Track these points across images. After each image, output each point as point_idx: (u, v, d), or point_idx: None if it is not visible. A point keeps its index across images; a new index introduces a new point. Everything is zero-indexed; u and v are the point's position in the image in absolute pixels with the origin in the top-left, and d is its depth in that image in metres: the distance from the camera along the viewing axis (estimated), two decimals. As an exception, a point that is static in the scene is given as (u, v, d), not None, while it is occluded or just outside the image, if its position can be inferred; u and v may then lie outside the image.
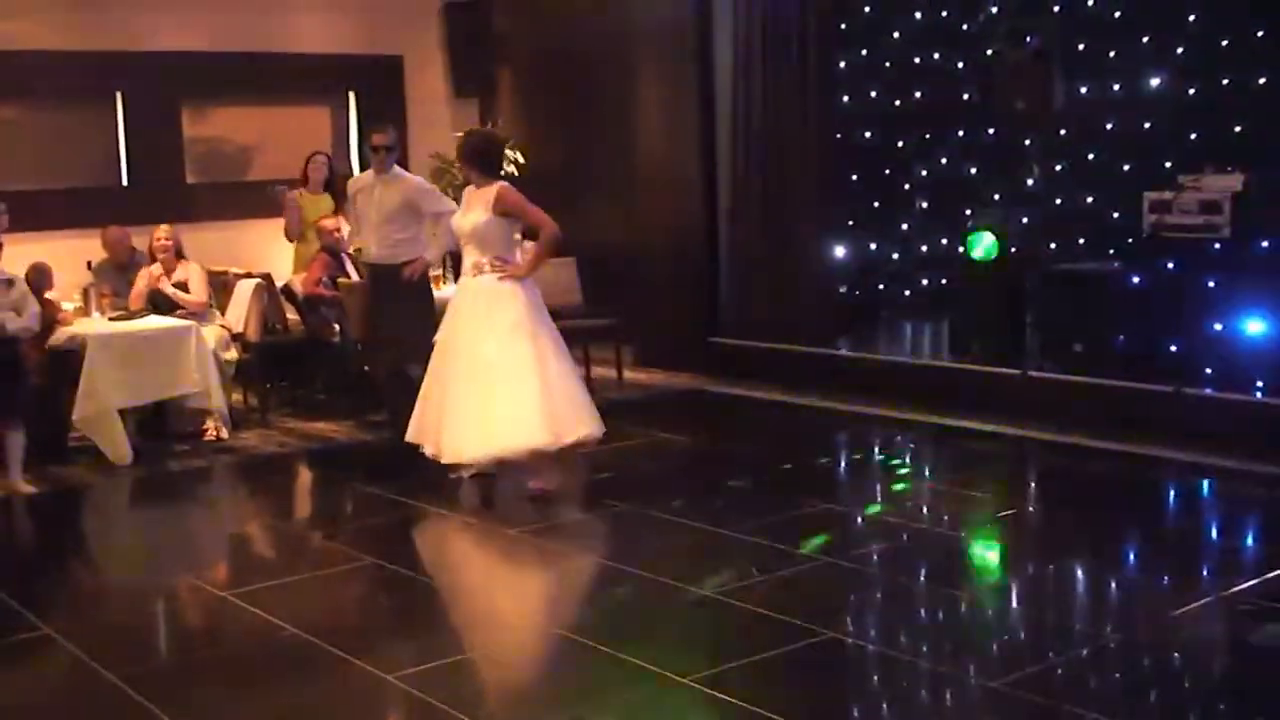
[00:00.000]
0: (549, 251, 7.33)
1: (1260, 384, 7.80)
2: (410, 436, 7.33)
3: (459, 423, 6.99)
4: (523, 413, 6.91)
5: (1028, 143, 9.38)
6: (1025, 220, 9.45)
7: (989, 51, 9.55)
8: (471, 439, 6.96)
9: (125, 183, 11.10)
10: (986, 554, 6.52)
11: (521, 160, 11.90)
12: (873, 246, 11.11)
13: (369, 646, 5.16)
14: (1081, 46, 9.07)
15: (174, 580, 6.27)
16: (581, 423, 7.07)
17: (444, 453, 7.08)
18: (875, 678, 4.91)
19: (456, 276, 10.54)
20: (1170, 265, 8.30)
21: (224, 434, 8.88)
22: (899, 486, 7.78)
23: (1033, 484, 7.50)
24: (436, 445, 7.11)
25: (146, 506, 7.85)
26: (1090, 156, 9.08)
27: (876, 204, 11.18)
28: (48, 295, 8.70)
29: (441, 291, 9.91)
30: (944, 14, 9.83)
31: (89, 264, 9.55)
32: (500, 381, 6.93)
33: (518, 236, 7.51)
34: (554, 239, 7.23)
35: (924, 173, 11.02)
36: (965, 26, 9.70)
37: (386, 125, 8.63)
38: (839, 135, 10.64)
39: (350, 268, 9.82)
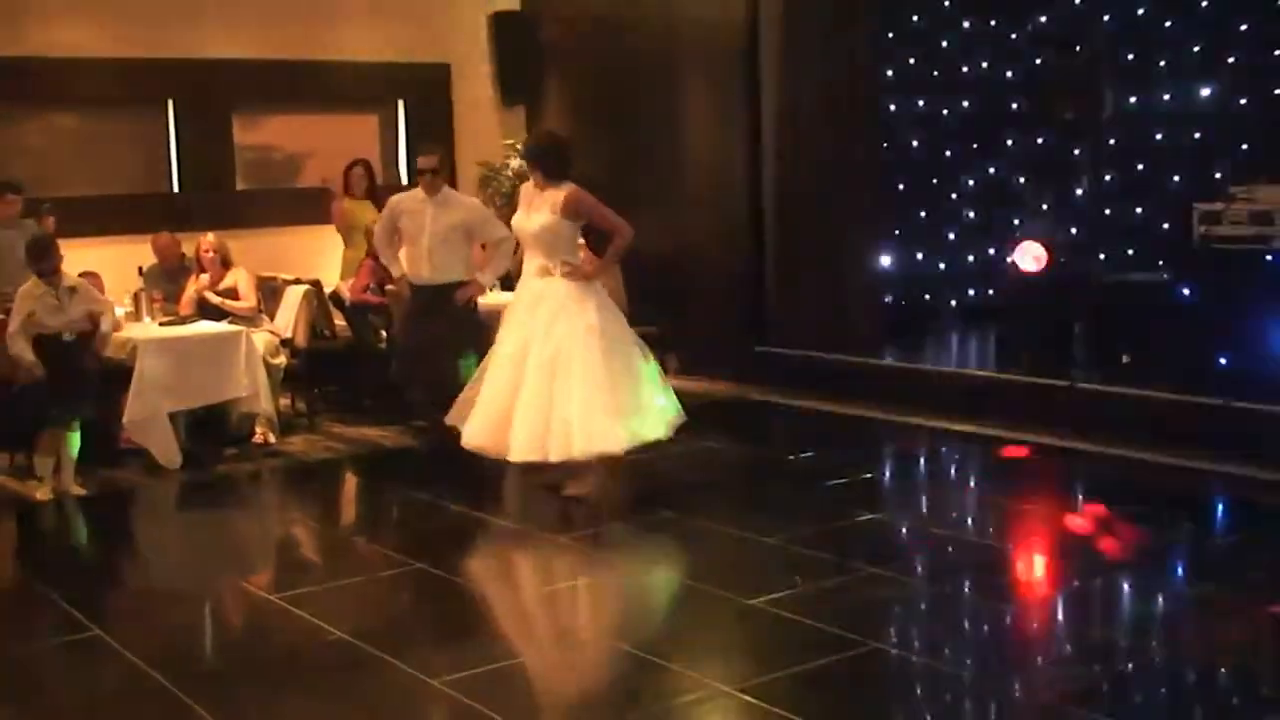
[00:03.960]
0: (621, 255, 7.29)
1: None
2: (468, 441, 7.23)
3: (534, 423, 6.90)
4: (602, 415, 6.86)
5: (1076, 153, 9.33)
6: (1074, 231, 9.40)
7: (1037, 61, 9.50)
8: (553, 439, 6.87)
9: (176, 189, 11.19)
10: (1032, 566, 6.48)
11: (568, 168, 11.93)
12: (919, 256, 11.08)
13: (414, 651, 5.18)
14: (1131, 56, 9.02)
15: (221, 583, 6.32)
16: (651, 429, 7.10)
17: (515, 452, 6.96)
18: (919, 689, 4.89)
19: (504, 284, 10.67)
20: (1220, 276, 8.23)
21: (272, 438, 8.94)
22: (944, 497, 7.75)
23: (1079, 496, 7.45)
24: (503, 445, 7.00)
25: (195, 510, 7.91)
26: (1140, 167, 9.02)
27: (923, 214, 11.14)
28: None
29: (489, 299, 9.98)
30: (992, 23, 9.79)
31: (140, 270, 9.64)
32: (580, 384, 6.87)
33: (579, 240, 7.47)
34: (628, 243, 7.18)
35: (971, 183, 10.98)
36: (1014, 36, 9.65)
37: (433, 147, 8.53)
38: (886, 144, 10.62)
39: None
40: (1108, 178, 9.20)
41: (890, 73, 10.42)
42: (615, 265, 7.60)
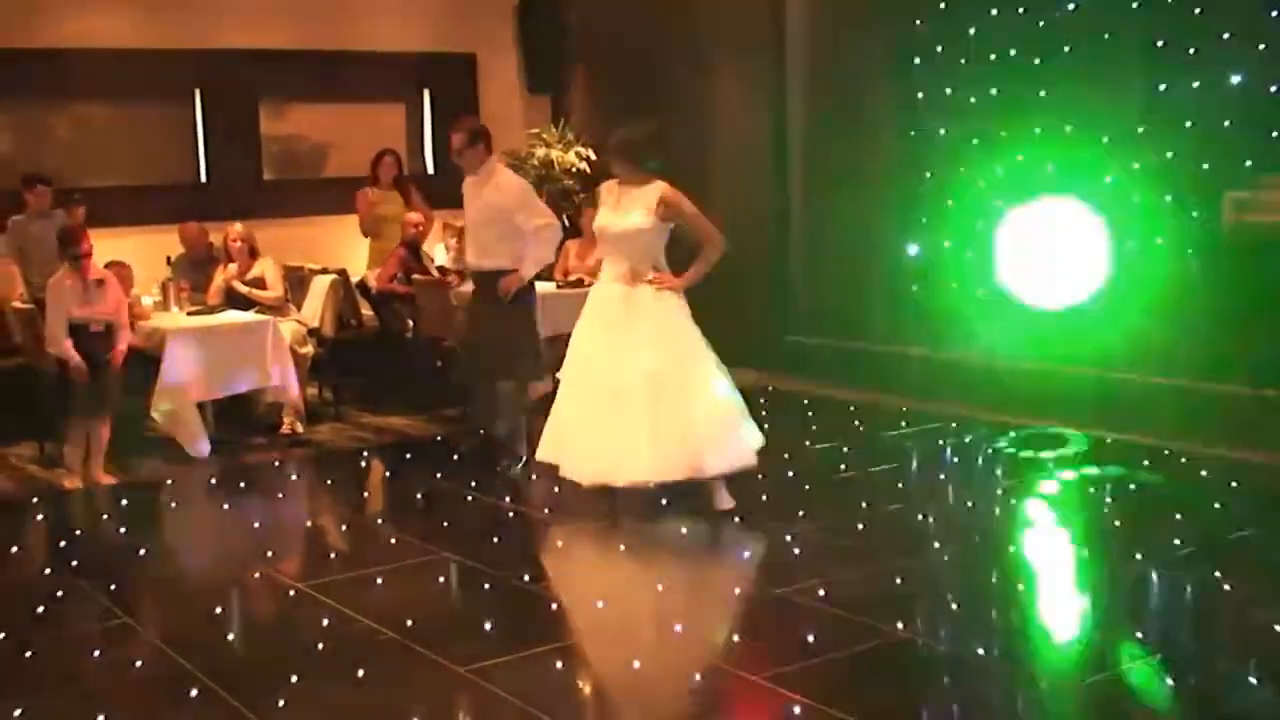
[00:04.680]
0: (713, 265, 6.73)
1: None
2: (545, 456, 6.92)
3: (651, 442, 6.47)
4: (733, 427, 6.65)
5: (1105, 140, 9.26)
6: (1103, 219, 9.32)
7: (1066, 48, 9.43)
8: (681, 457, 6.51)
9: (204, 179, 11.23)
10: (1059, 556, 6.46)
11: (594, 157, 11.93)
12: (946, 244, 11.02)
13: (442, 639, 5.20)
14: (1161, 43, 8.94)
15: (249, 572, 6.34)
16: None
17: (617, 476, 6.57)
18: (946, 678, 4.88)
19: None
20: (1251, 265, 8.17)
21: (299, 428, 8.97)
22: (971, 486, 7.71)
23: (1107, 486, 7.41)
24: (597, 471, 6.62)
25: (223, 498, 7.95)
26: (1169, 154, 8.94)
27: (950, 202, 11.08)
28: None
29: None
30: (1021, 10, 9.72)
31: (168, 259, 9.68)
32: (706, 397, 6.57)
33: None
34: (720, 251, 6.72)
35: (998, 170, 10.91)
36: (1041, 23, 9.58)
37: (460, 121, 8.12)
38: (913, 132, 10.57)
39: (428, 264, 9.89)
40: (1136, 165, 9.12)
41: (918, 60, 10.36)
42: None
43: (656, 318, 6.59)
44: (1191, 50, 8.77)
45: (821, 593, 5.56)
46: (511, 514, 7.27)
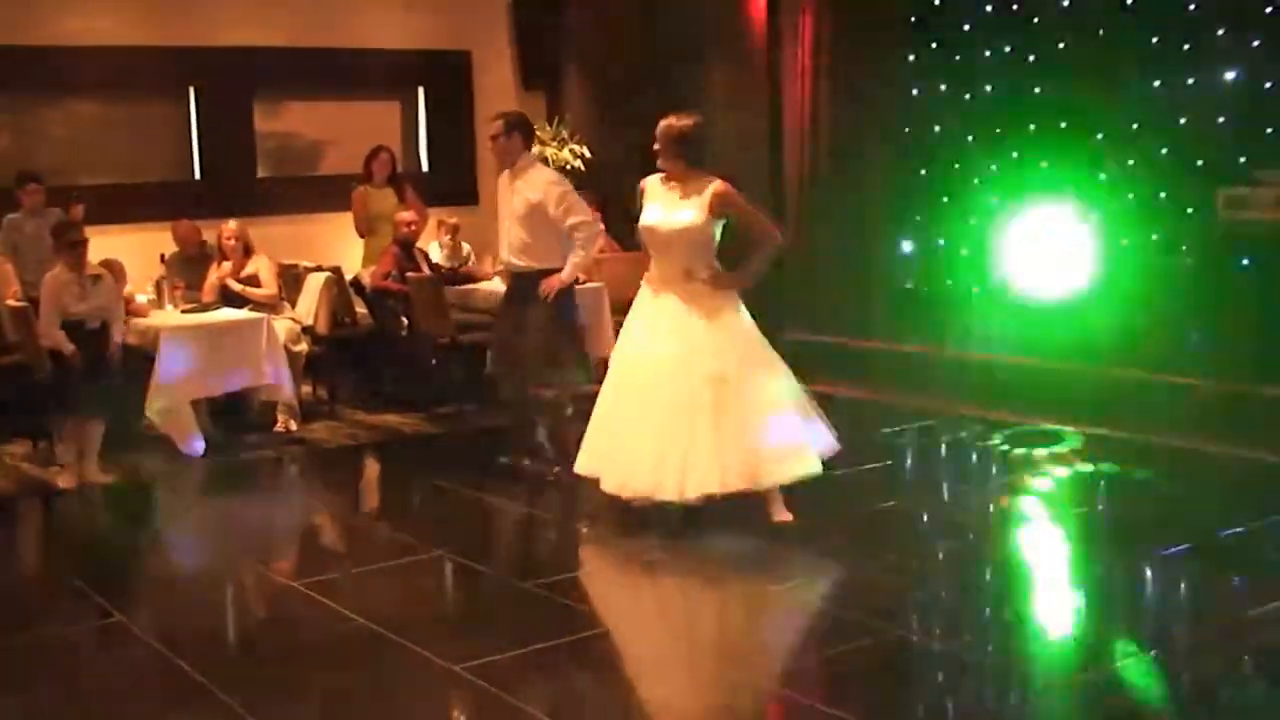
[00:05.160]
0: (767, 261, 6.39)
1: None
2: (585, 469, 6.56)
3: (703, 455, 6.11)
4: (795, 435, 6.27)
5: (1099, 137, 9.27)
6: (1097, 215, 9.34)
7: (1060, 45, 9.44)
8: (742, 468, 6.15)
9: (198, 177, 11.21)
10: (1053, 553, 6.47)
11: (589, 154, 11.93)
12: (941, 241, 11.03)
13: (436, 637, 5.19)
14: (1155, 40, 8.95)
15: (243, 569, 6.34)
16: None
17: (674, 489, 6.15)
18: (940, 675, 4.88)
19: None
20: (1244, 261, 8.19)
21: (294, 426, 8.96)
22: (968, 484, 7.72)
23: (1103, 482, 7.42)
24: (648, 484, 6.21)
25: (217, 496, 7.94)
26: (1163, 151, 8.96)
27: (945, 199, 11.09)
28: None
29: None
30: (1014, 7, 9.73)
31: (162, 257, 9.66)
32: (768, 405, 6.21)
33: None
34: (776, 249, 6.42)
35: (993, 167, 10.93)
36: (1036, 20, 9.59)
37: (504, 112, 7.67)
38: (908, 129, 10.58)
39: (422, 262, 9.88)
40: (1130, 162, 9.13)
41: (912, 57, 10.37)
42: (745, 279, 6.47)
43: (716, 319, 6.26)
44: (1186, 47, 8.80)
45: (815, 589, 5.56)
46: (509, 512, 7.26)
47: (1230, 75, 8.64)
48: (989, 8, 9.90)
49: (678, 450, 6.11)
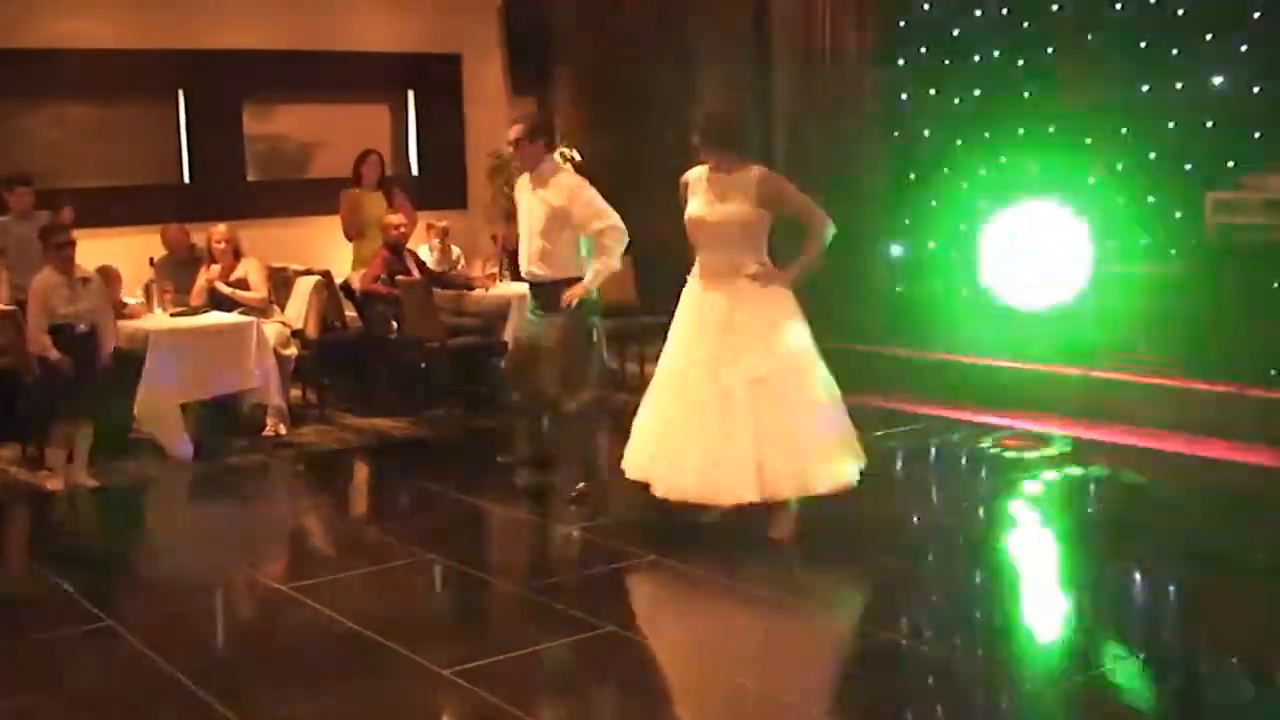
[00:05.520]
0: (821, 251, 6.11)
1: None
2: (634, 473, 6.31)
3: (745, 460, 5.90)
4: (835, 445, 6.07)
5: (1088, 141, 9.29)
6: (1086, 219, 9.35)
7: (1049, 49, 9.46)
8: (776, 476, 5.93)
9: (187, 180, 11.20)
10: (1043, 556, 6.47)
11: (578, 158, 11.92)
12: (931, 245, 11.04)
13: (426, 641, 5.19)
14: (1143, 44, 8.97)
15: (233, 574, 6.33)
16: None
17: (718, 494, 5.99)
18: (931, 679, 4.89)
19: (515, 275, 10.66)
20: (1233, 265, 8.21)
21: (283, 429, 8.94)
22: (958, 487, 7.73)
23: (1091, 485, 7.43)
24: (694, 489, 6.02)
25: (206, 501, 7.92)
26: (1152, 155, 8.98)
27: (934, 203, 11.10)
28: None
29: (497, 291, 9.98)
30: (1004, 11, 9.75)
31: (151, 260, 9.65)
32: (808, 409, 5.99)
33: None
34: (828, 236, 6.08)
35: (981, 171, 10.94)
36: (1025, 24, 9.61)
37: (525, 115, 7.41)
38: (896, 133, 10.59)
39: (411, 265, 9.87)
40: (1119, 166, 9.15)
41: (901, 61, 10.39)
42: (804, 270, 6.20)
43: (763, 317, 6.00)
44: (1174, 51, 8.82)
45: (801, 592, 5.57)
46: (498, 515, 7.26)
47: (1218, 80, 8.67)
48: (978, 12, 9.91)
49: (718, 455, 5.92)
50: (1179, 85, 8.81)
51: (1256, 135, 8.42)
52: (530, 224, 7.01)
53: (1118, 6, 9.09)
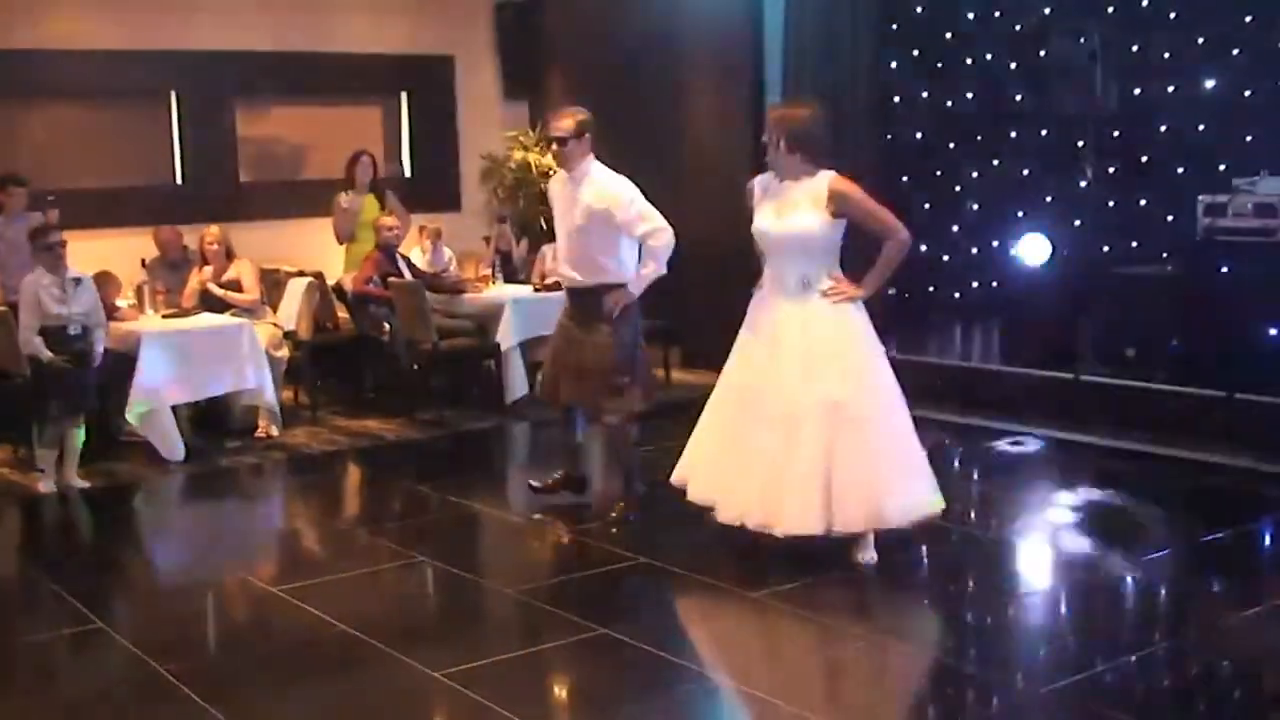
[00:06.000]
0: (896, 265, 5.74)
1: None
2: (696, 495, 6.02)
3: (814, 488, 5.54)
4: (916, 472, 5.76)
5: (1080, 144, 9.31)
6: (1078, 223, 9.39)
7: (1041, 53, 9.49)
8: (857, 504, 5.58)
9: (179, 181, 11.18)
10: (1035, 558, 6.48)
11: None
12: (923, 248, 11.07)
13: (417, 643, 5.18)
14: (1135, 48, 9.00)
15: (224, 576, 6.32)
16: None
17: (782, 523, 5.63)
18: (920, 683, 4.89)
19: (508, 277, 10.67)
20: (1224, 269, 8.23)
21: (275, 431, 8.94)
22: (949, 490, 7.72)
23: (1083, 489, 7.44)
24: (759, 515, 5.70)
25: (198, 502, 7.91)
26: (1144, 159, 9.01)
27: (927, 205, 11.14)
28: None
29: (490, 293, 9.98)
30: (996, 14, 9.77)
31: (143, 262, 9.63)
32: (888, 433, 5.65)
33: None
34: (904, 248, 5.71)
35: (975, 174, 10.97)
36: (1018, 27, 9.63)
37: (569, 109, 6.81)
38: (889, 136, 10.60)
39: (404, 267, 9.87)
40: (1111, 169, 9.18)
41: (894, 64, 10.40)
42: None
43: (835, 335, 5.63)
44: (1166, 56, 8.84)
45: (783, 593, 5.57)
46: (490, 518, 7.26)
47: (1210, 84, 8.69)
48: (970, 15, 9.94)
49: (785, 481, 5.58)
50: (1171, 89, 8.84)
51: (1248, 139, 8.45)
52: (569, 227, 6.64)
53: (1110, 10, 9.12)
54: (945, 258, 11.34)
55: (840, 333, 5.65)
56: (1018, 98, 9.60)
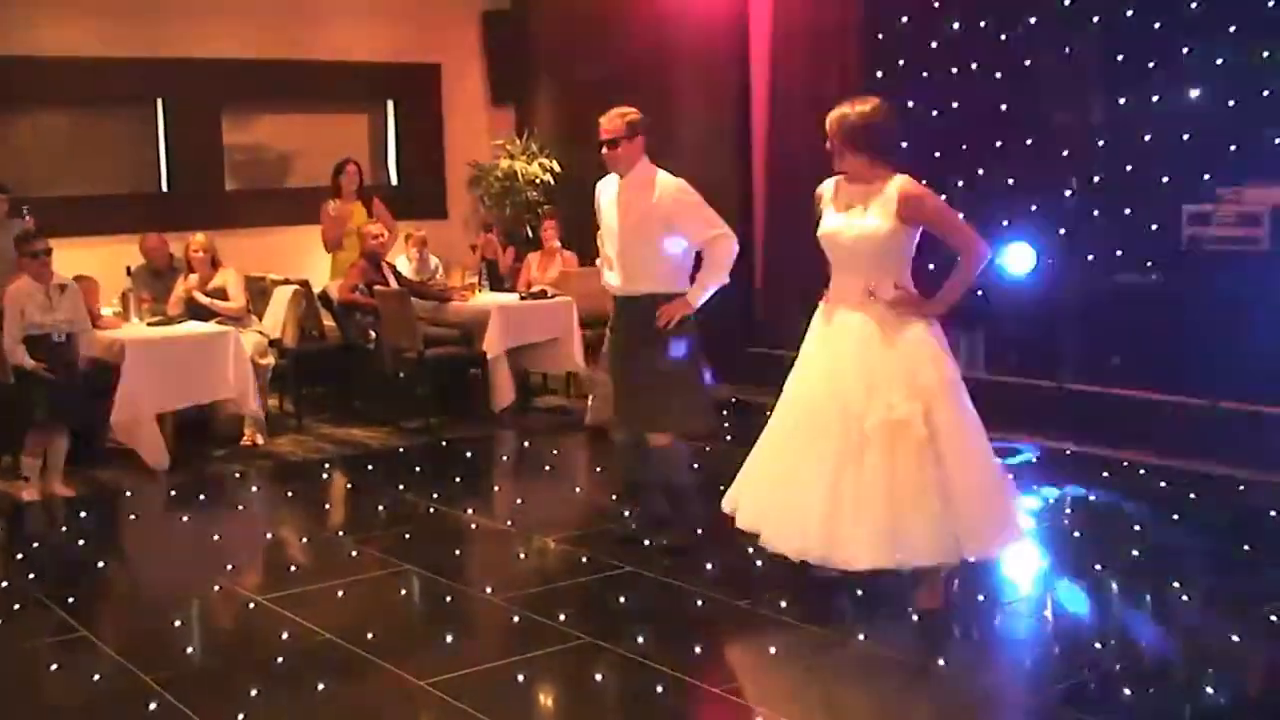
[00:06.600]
0: (972, 277, 5.30)
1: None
2: (743, 522, 5.56)
3: (872, 516, 5.08)
4: (992, 502, 5.28)
5: (1065, 154, 9.32)
6: (1062, 232, 9.39)
7: (1027, 62, 9.50)
8: (923, 538, 5.10)
9: (166, 189, 11.17)
10: (1019, 568, 6.48)
11: (558, 169, 11.94)
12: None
13: (403, 652, 5.18)
14: (1120, 58, 9.01)
15: (209, 584, 6.30)
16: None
17: (859, 556, 5.13)
18: (908, 689, 4.89)
19: (494, 285, 10.67)
20: (1209, 278, 8.25)
21: (260, 439, 8.92)
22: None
23: (1068, 497, 7.45)
24: (807, 546, 5.24)
25: (183, 511, 7.89)
26: (1128, 168, 9.02)
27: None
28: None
29: (476, 301, 9.97)
30: (982, 24, 9.78)
31: (128, 270, 9.62)
32: (943, 463, 5.11)
33: None
34: (982, 261, 5.28)
35: (959, 183, 10.96)
36: (1003, 37, 9.64)
37: (616, 109, 6.45)
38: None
39: (390, 275, 9.87)
40: (1096, 179, 9.18)
41: (880, 74, 10.41)
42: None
43: (904, 350, 5.19)
44: (1151, 65, 8.85)
45: (780, 603, 5.57)
46: (473, 525, 7.25)
47: (1195, 93, 8.71)
48: (956, 24, 9.94)
49: (840, 508, 5.13)
50: (1156, 99, 8.85)
51: (1232, 148, 8.47)
52: (623, 233, 6.21)
53: (1094, 19, 9.13)
54: (930, 266, 11.32)
55: (906, 347, 5.18)
56: (1003, 107, 9.60)
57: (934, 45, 10.14)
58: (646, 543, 6.42)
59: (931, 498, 5.06)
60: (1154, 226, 8.86)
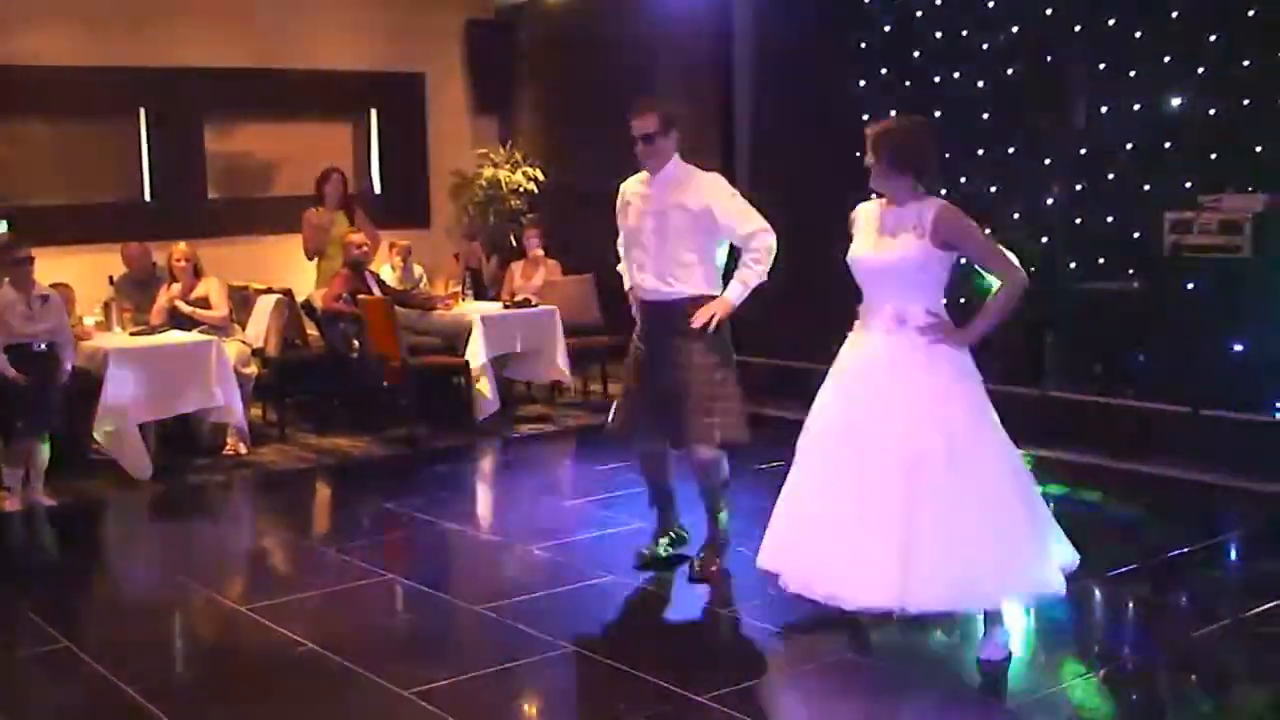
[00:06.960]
0: (1008, 307, 4.99)
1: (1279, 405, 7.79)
2: (762, 560, 5.23)
3: (891, 556, 4.72)
4: (1028, 543, 4.90)
5: (1048, 162, 9.36)
6: (1045, 239, 9.43)
7: (1009, 71, 9.53)
8: (930, 582, 4.71)
9: (148, 198, 11.15)
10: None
11: (541, 177, 11.95)
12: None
13: (386, 661, 5.17)
14: (1102, 66, 9.05)
15: (191, 594, 6.29)
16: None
17: (852, 595, 4.83)
18: (892, 695, 4.89)
19: (478, 294, 10.67)
20: (1190, 285, 8.29)
21: (243, 449, 8.91)
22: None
23: (1051, 504, 7.46)
24: (828, 586, 4.90)
25: (165, 520, 7.88)
26: (1110, 176, 9.05)
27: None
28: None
29: (459, 310, 9.96)
30: (964, 33, 9.81)
31: (111, 279, 9.59)
32: (974, 500, 4.76)
33: None
34: (1020, 290, 4.96)
35: (943, 191, 10.98)
36: (985, 46, 9.67)
37: (651, 103, 6.13)
38: (858, 154, 10.62)
39: (373, 284, 9.86)
40: (1079, 187, 9.22)
41: (862, 82, 10.44)
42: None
43: (928, 378, 4.91)
44: (1132, 73, 8.89)
45: (761, 614, 5.57)
46: (457, 535, 7.24)
47: (1176, 101, 8.75)
48: (938, 34, 9.98)
49: (859, 546, 4.81)
50: (1137, 107, 8.89)
51: (1213, 156, 8.50)
52: (657, 234, 5.93)
53: (1076, 28, 9.17)
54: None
55: (933, 376, 4.90)
56: (985, 116, 9.64)
57: (916, 54, 10.18)
58: (667, 560, 6.25)
59: (946, 540, 4.71)
60: (1135, 234, 8.90)
